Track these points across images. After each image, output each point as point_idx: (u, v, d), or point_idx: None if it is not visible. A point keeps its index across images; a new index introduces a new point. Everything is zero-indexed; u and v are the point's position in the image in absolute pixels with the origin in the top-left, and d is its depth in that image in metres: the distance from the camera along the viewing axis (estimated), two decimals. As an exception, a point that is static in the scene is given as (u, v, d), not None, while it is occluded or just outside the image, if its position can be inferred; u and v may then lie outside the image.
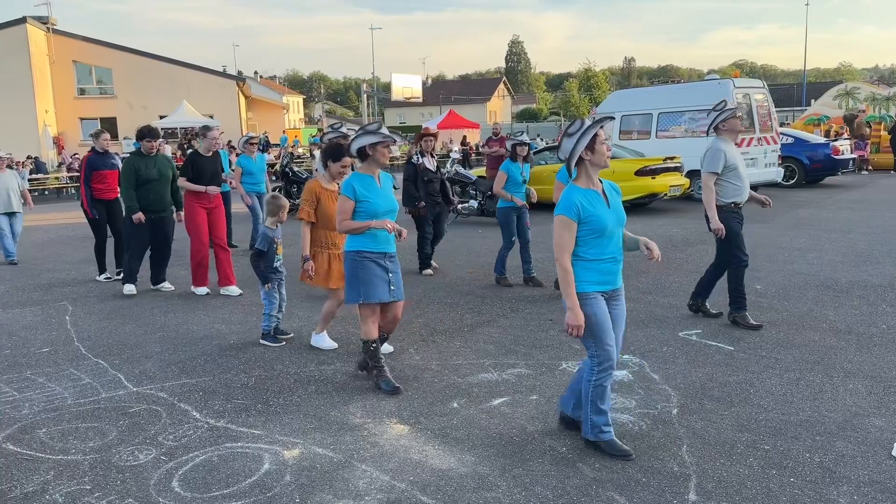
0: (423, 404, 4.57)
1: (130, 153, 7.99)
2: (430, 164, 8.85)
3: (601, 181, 3.72)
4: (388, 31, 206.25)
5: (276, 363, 5.43)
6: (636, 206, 14.41)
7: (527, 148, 8.04)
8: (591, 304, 3.63)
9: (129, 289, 8.01)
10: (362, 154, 4.70)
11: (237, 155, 11.86)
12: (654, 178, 13.24)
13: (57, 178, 25.80)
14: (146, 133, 7.76)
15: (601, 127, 3.61)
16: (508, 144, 8.12)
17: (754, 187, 15.56)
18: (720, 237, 5.89)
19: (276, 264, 5.97)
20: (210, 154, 7.82)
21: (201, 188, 7.58)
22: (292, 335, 6.12)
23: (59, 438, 4.18)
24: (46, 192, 24.70)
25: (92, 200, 8.58)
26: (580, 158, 3.60)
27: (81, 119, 35.52)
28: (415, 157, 8.90)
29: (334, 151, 5.41)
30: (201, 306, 7.32)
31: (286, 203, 6.05)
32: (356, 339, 6.01)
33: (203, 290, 7.84)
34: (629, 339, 5.77)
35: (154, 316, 7.00)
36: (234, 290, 7.82)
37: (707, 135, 6.26)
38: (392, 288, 4.70)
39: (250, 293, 7.79)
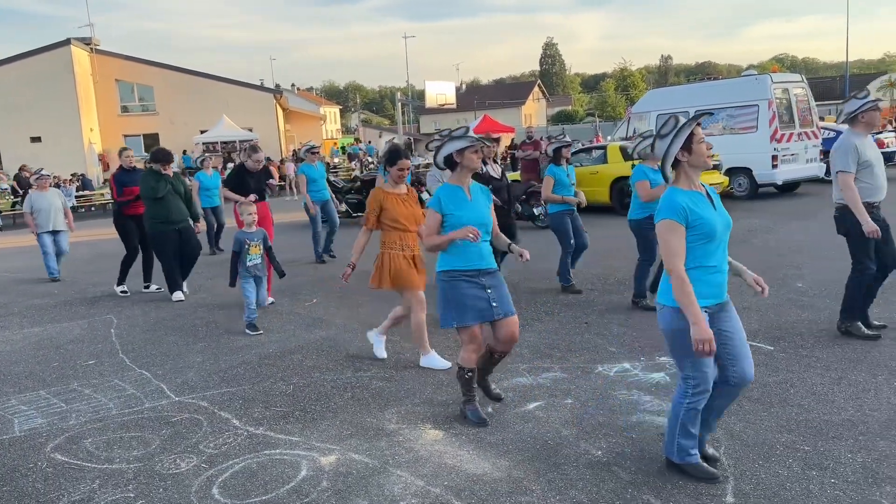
0: (458, 409, 4.58)
1: (145, 171, 8.54)
2: (493, 171, 8.05)
3: (703, 184, 3.42)
4: (421, 38, 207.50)
5: (313, 371, 5.51)
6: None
7: (570, 150, 7.95)
8: None
9: (178, 296, 8.48)
10: (450, 163, 4.29)
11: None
12: None
13: (102, 195, 26.47)
14: (160, 157, 8.36)
15: (697, 124, 3.31)
16: (551, 149, 7.90)
17: (797, 183, 15.35)
18: (876, 238, 5.22)
19: (249, 264, 6.70)
20: (255, 171, 8.14)
21: (238, 197, 7.80)
22: (261, 332, 6.71)
23: (104, 448, 4.30)
24: (93, 209, 25.38)
25: (122, 216, 9.09)
26: (676, 160, 3.33)
27: (125, 136, 36.30)
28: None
29: (390, 155, 5.40)
30: (241, 316, 7.44)
31: (248, 207, 6.87)
32: (392, 344, 6.06)
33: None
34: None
35: (196, 327, 7.16)
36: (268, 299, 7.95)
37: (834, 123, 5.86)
38: (494, 305, 4.21)
39: (288, 303, 7.92)
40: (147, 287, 9.19)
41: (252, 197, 7.77)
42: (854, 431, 3.89)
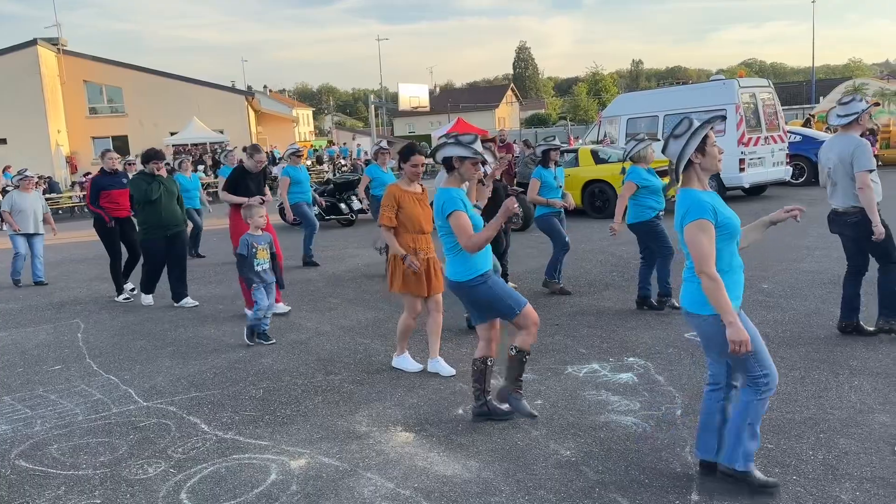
0: (430, 411, 4.60)
1: (136, 174, 8.15)
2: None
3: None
4: (395, 41, 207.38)
5: (284, 374, 5.48)
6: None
7: (558, 153, 7.91)
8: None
9: (148, 300, 8.24)
10: (447, 164, 4.31)
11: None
12: (661, 178, 13.21)
13: (70, 198, 26.07)
14: (153, 156, 7.89)
15: (712, 128, 3.29)
16: (539, 150, 7.86)
17: (763, 186, 15.60)
18: (880, 240, 5.31)
19: (258, 269, 6.26)
20: (255, 172, 7.67)
21: (242, 199, 7.30)
22: (274, 341, 6.33)
23: (70, 454, 4.24)
24: (60, 212, 24.94)
25: (105, 220, 8.61)
26: (689, 161, 3.27)
27: (93, 138, 35.88)
28: None
29: (405, 151, 5.22)
30: (211, 320, 7.40)
31: (257, 210, 6.42)
32: (364, 347, 6.06)
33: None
34: (635, 342, 5.78)
35: (165, 331, 7.08)
36: (281, 307, 7.39)
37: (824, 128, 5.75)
38: None
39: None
40: (133, 290, 8.81)
41: (258, 199, 7.28)
42: (815, 429, 3.98)
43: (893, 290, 5.46)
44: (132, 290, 8.85)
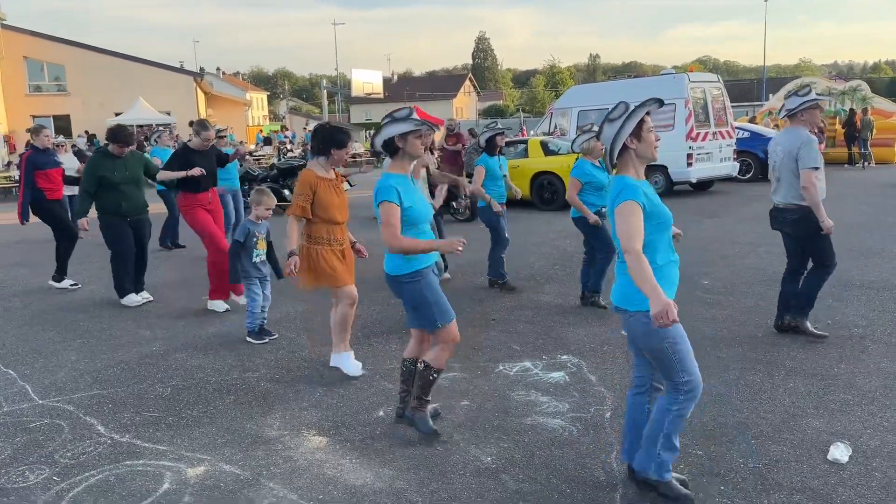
0: (348, 413, 4.31)
1: (95, 151, 7.37)
2: (429, 160, 7.56)
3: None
4: (352, 27, 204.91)
5: (196, 371, 5.12)
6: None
7: (504, 138, 7.60)
8: None
9: (134, 299, 7.17)
10: (390, 148, 3.87)
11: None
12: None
13: (7, 178, 24.92)
14: (120, 137, 6.93)
15: (647, 112, 3.09)
16: (483, 138, 7.51)
17: (710, 182, 15.64)
18: (828, 235, 5.22)
19: (256, 260, 5.73)
20: (204, 151, 6.87)
21: (180, 174, 6.61)
22: (276, 335, 5.86)
23: (-56, 459, 3.84)
24: (-6, 192, 23.85)
25: (46, 202, 7.97)
26: (624, 146, 3.09)
27: (34, 117, 34.42)
28: None
29: (340, 137, 4.77)
30: (130, 311, 6.95)
31: (268, 198, 5.74)
32: (288, 342, 5.73)
33: (223, 306, 6.75)
34: (570, 339, 5.58)
35: (77, 321, 6.63)
36: (220, 305, 6.82)
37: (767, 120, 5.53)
38: None
39: (180, 297, 7.44)
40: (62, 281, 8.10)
41: (198, 170, 6.61)
42: (747, 435, 3.80)
43: (813, 293, 5.37)
44: (73, 284, 8.11)
